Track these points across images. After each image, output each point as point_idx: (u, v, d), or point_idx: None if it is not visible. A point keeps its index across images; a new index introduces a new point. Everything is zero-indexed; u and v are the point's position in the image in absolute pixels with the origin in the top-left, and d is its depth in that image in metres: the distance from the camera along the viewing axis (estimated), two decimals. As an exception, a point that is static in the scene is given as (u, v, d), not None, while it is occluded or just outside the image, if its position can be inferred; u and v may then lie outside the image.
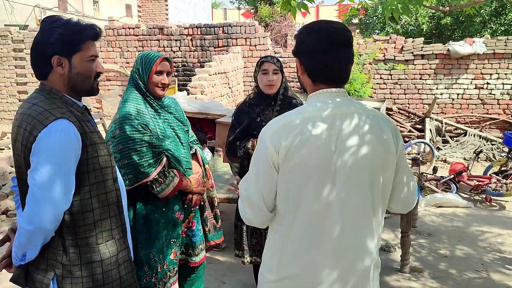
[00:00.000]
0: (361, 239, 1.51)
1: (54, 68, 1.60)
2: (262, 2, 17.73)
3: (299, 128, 1.42)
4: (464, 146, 8.43)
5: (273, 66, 2.77)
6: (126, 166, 2.24)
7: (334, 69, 1.49)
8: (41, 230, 1.52)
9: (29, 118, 1.54)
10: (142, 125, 2.27)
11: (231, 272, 3.77)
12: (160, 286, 2.37)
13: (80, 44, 1.61)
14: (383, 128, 1.50)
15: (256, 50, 9.81)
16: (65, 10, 15.90)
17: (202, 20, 24.50)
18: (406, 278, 3.66)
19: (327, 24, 1.51)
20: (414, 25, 13.03)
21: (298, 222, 1.46)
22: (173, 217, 2.40)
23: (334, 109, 1.46)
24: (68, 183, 1.54)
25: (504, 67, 8.84)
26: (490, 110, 9.08)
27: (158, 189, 2.30)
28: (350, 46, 1.51)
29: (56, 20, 1.62)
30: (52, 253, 1.60)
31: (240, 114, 2.92)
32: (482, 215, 5.36)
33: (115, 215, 1.71)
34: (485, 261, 4.02)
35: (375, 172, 1.50)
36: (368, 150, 1.47)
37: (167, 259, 2.41)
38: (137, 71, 2.36)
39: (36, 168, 1.50)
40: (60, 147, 1.51)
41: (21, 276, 1.65)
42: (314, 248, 1.47)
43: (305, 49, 1.50)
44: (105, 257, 1.65)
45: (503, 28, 12.31)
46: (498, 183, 5.96)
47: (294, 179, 1.44)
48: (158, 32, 10.18)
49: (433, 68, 9.10)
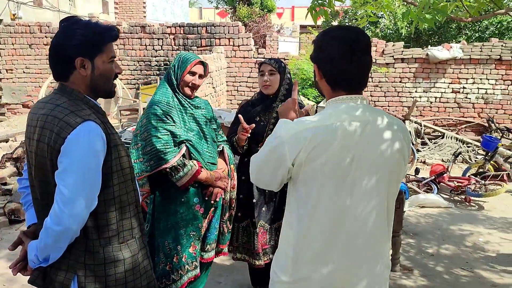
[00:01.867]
0: (377, 243, 1.55)
1: (77, 70, 1.60)
2: (241, 2, 17.76)
3: (319, 135, 1.43)
4: (442, 148, 8.68)
5: (269, 67, 2.83)
6: (149, 152, 2.37)
7: (354, 76, 1.50)
8: (69, 230, 1.52)
9: (55, 119, 1.53)
10: (166, 116, 2.40)
11: (225, 272, 3.78)
12: (174, 276, 2.41)
13: (102, 46, 1.62)
14: (400, 136, 1.54)
15: (240, 50, 9.82)
16: (40, 5, 15.48)
17: (179, 19, 24.31)
18: (397, 277, 3.76)
19: (347, 31, 1.52)
20: (392, 29, 13.32)
21: (315, 225, 1.48)
22: (192, 209, 2.44)
23: (354, 116, 1.47)
24: (96, 184, 1.56)
25: (480, 72, 9.14)
26: (466, 114, 9.37)
27: (177, 177, 2.39)
28: (370, 53, 1.53)
29: (76, 22, 1.62)
30: (74, 253, 1.60)
31: (242, 112, 2.95)
32: (463, 215, 5.55)
33: (135, 214, 1.74)
34: (470, 259, 4.17)
35: (392, 179, 1.53)
36: (386, 157, 1.50)
37: (186, 252, 2.45)
38: (173, 67, 2.50)
39: (66, 169, 1.51)
40: (90, 149, 1.52)
41: (39, 277, 1.64)
42: (330, 251, 1.49)
43: (325, 56, 1.50)
44: (127, 256, 1.67)
45: (477, 35, 12.73)
46: (477, 184, 6.18)
47: (314, 183, 1.45)
48: (140, 30, 10.06)
49: (413, 72, 9.33)
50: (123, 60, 10.15)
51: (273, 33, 14.80)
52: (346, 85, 1.51)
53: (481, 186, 6.12)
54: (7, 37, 10.40)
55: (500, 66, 9.07)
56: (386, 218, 1.56)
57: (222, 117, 5.54)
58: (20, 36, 10.39)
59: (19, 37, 10.39)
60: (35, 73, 10.53)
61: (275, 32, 16.07)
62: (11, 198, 5.07)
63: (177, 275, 2.42)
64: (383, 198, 1.52)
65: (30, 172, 1.67)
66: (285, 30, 19.84)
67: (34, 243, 1.62)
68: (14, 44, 10.42)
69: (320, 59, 1.52)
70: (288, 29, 21.23)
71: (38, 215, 1.69)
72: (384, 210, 1.54)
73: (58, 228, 1.51)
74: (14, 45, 10.43)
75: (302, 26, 19.69)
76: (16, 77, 10.61)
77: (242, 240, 2.98)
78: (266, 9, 17.68)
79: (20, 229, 4.49)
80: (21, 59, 10.49)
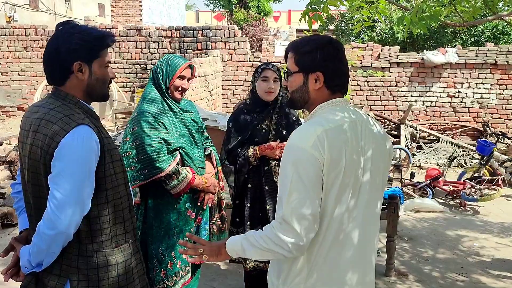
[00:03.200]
0: (373, 246, 1.56)
1: (75, 74, 1.60)
2: (238, 6, 17.79)
3: (336, 136, 1.41)
4: (437, 152, 8.69)
5: (274, 74, 2.80)
6: (142, 161, 2.32)
7: (347, 76, 1.55)
8: (63, 234, 1.52)
9: (48, 123, 1.53)
10: (158, 123, 2.36)
11: (219, 277, 3.76)
12: (169, 282, 2.40)
13: (100, 51, 1.64)
14: (386, 135, 1.60)
15: (236, 54, 9.82)
16: (36, 7, 15.45)
17: (175, 22, 24.32)
18: (392, 282, 3.75)
19: (326, 36, 1.57)
20: (388, 33, 13.37)
21: (328, 234, 1.44)
22: (185, 215, 2.43)
23: (352, 116, 1.50)
24: (90, 188, 1.56)
25: (475, 77, 9.17)
26: (461, 118, 9.40)
27: (171, 185, 2.36)
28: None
29: (75, 26, 1.63)
30: (67, 258, 1.60)
31: (238, 120, 2.89)
32: (458, 220, 5.54)
33: (128, 219, 1.74)
34: (465, 264, 4.17)
35: (384, 179, 1.58)
36: (382, 157, 1.54)
37: (180, 258, 2.44)
38: (161, 71, 2.45)
39: (60, 173, 1.51)
40: (83, 153, 1.52)
41: (32, 282, 1.63)
42: (341, 257, 1.47)
43: (324, 61, 1.49)
44: (120, 260, 1.68)
45: (473, 39, 12.80)
46: (472, 188, 6.17)
47: (332, 190, 1.40)
48: (135, 33, 10.05)
49: (408, 76, 9.35)
50: (118, 63, 10.13)
51: (269, 36, 14.83)
52: (343, 86, 1.55)
53: (476, 190, 6.11)
54: (2, 40, 10.36)
55: (496, 70, 9.10)
56: (379, 219, 1.59)
57: (217, 121, 5.51)
58: (16, 39, 10.35)
59: (15, 40, 10.36)
60: (30, 76, 10.49)
61: (272, 36, 16.11)
62: (4, 202, 5.03)
63: (171, 281, 2.42)
64: (380, 199, 1.57)
65: (23, 176, 1.67)
66: (281, 33, 19.89)
67: (27, 248, 1.62)
68: (9, 46, 10.39)
69: (319, 65, 1.50)
70: (285, 33, 21.29)
71: (30, 219, 1.69)
72: (379, 212, 1.58)
73: (51, 232, 1.51)
74: (9, 47, 10.39)
75: (299, 30, 19.74)
76: (11, 80, 10.57)
77: None
78: (263, 13, 17.73)
79: (12, 234, 4.46)
80: (16, 61, 10.45)
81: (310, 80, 1.52)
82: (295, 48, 1.55)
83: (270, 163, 2.83)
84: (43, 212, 1.54)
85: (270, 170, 2.83)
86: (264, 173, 2.82)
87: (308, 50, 1.52)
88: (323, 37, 1.58)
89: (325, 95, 1.53)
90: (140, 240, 2.44)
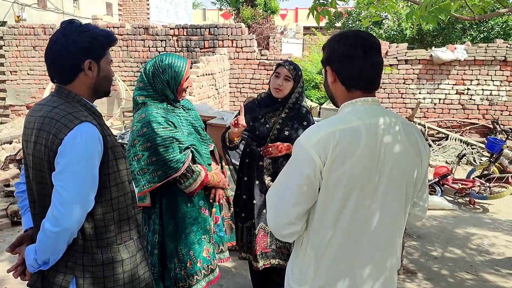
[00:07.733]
0: (393, 250, 1.54)
1: (85, 72, 1.62)
2: (244, 4, 17.76)
3: (344, 137, 1.39)
4: (446, 150, 8.63)
5: (286, 71, 2.77)
6: (155, 163, 2.27)
7: (368, 74, 1.47)
8: (67, 231, 1.53)
9: (52, 121, 1.54)
10: (168, 122, 2.32)
11: (227, 275, 3.76)
12: (190, 281, 2.39)
13: (106, 49, 1.68)
14: (417, 139, 1.52)
15: (243, 52, 9.81)
16: (44, 7, 15.55)
17: (183, 20, 24.36)
18: (400, 280, 3.72)
19: (356, 32, 1.53)
20: (396, 30, 13.28)
21: (337, 233, 1.44)
22: (199, 213, 2.42)
23: (374, 119, 1.44)
24: (93, 185, 1.57)
25: (484, 74, 9.09)
26: (470, 115, 9.32)
27: (186, 184, 2.34)
28: (381, 54, 1.53)
29: (81, 25, 1.65)
30: (72, 255, 1.61)
31: (248, 109, 2.92)
32: (467, 218, 5.50)
33: (132, 216, 1.75)
34: (475, 262, 4.13)
35: (410, 183, 1.51)
36: (407, 161, 1.47)
37: (200, 257, 2.43)
38: (166, 82, 2.35)
39: (63, 170, 1.51)
40: (86, 150, 1.53)
41: (38, 280, 1.65)
42: (351, 258, 1.47)
43: (339, 55, 1.48)
44: (125, 257, 1.69)
45: (482, 36, 12.66)
46: (481, 186, 6.12)
47: (337, 191, 1.40)
48: (143, 32, 10.07)
49: (416, 73, 9.29)
50: (126, 61, 10.17)
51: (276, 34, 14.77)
52: (361, 84, 1.48)
53: (485, 188, 6.06)
54: (11, 39, 10.44)
55: (505, 67, 9.02)
56: (402, 224, 1.55)
57: (224, 119, 5.51)
58: (24, 38, 10.43)
59: (23, 39, 10.44)
60: (39, 74, 10.57)
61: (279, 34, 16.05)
62: (13, 199, 5.07)
63: (193, 280, 2.41)
64: (402, 204, 1.51)
65: (28, 175, 1.67)
66: (288, 31, 19.84)
67: (32, 247, 1.63)
68: (18, 46, 10.47)
69: (333, 59, 1.50)
70: (292, 31, 21.23)
71: (35, 218, 1.69)
72: (402, 217, 1.52)
73: (56, 229, 1.51)
74: (18, 47, 10.47)
75: (306, 27, 19.67)
76: (20, 79, 10.66)
77: (246, 240, 2.99)
78: (270, 11, 17.67)
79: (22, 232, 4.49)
80: (25, 61, 10.53)
81: (328, 74, 1.53)
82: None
83: (265, 160, 2.86)
84: (47, 210, 1.55)
85: (261, 167, 2.86)
86: (257, 168, 2.87)
87: (327, 44, 1.54)
88: (344, 32, 1.55)
89: (342, 91, 1.51)
90: (160, 242, 2.44)
